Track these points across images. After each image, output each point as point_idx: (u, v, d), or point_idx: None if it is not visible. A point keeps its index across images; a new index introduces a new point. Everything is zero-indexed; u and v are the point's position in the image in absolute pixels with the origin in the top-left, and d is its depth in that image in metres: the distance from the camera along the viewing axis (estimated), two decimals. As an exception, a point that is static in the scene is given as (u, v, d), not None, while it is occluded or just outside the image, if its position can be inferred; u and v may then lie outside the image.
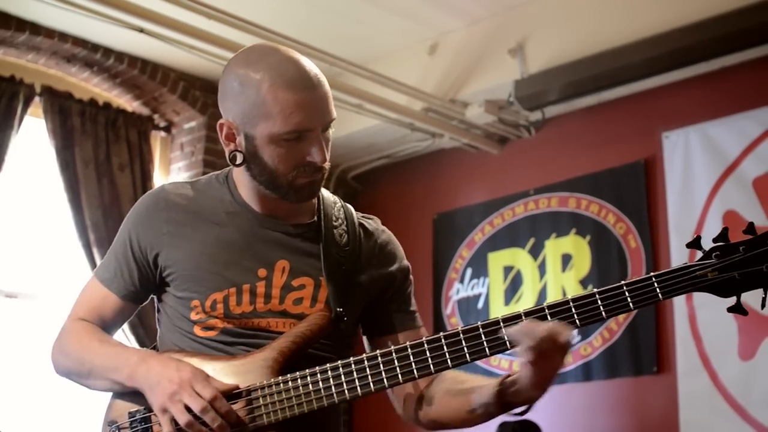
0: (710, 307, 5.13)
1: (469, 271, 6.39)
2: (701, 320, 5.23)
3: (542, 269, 6.00)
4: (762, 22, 4.89)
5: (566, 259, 5.90)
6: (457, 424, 2.17)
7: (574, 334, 1.92)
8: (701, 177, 5.36)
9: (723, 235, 1.93)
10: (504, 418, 2.09)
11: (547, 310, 1.95)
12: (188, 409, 1.98)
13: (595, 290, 1.94)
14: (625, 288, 1.93)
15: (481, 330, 1.98)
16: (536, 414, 5.47)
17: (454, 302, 6.42)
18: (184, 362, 2.05)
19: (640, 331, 5.51)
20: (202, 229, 2.18)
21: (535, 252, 6.06)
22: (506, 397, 2.01)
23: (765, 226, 4.70)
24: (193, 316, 2.14)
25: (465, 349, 1.99)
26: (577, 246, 5.87)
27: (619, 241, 5.69)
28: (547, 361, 1.91)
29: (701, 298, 5.17)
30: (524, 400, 2.00)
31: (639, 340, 5.50)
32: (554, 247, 5.98)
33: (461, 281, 6.41)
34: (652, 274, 1.92)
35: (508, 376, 2.02)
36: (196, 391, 1.98)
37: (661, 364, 5.41)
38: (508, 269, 6.19)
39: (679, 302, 5.31)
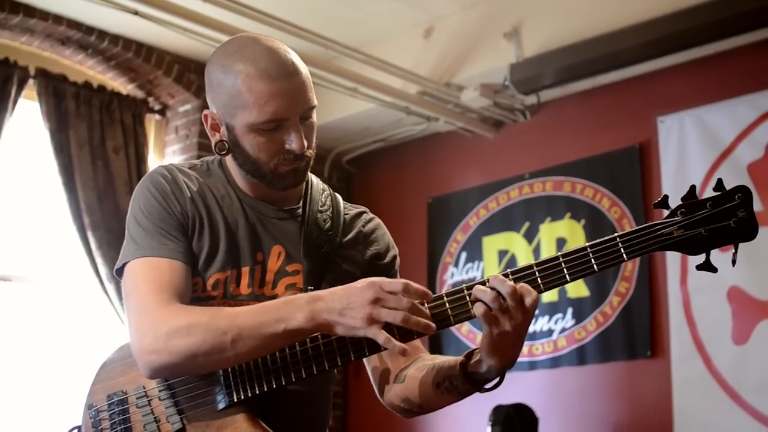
0: (705, 291, 5.15)
1: (463, 255, 6.39)
2: (695, 305, 5.24)
3: (537, 253, 6.00)
4: (757, 7, 4.89)
5: (561, 243, 5.91)
6: (425, 401, 2.14)
7: (565, 315, 1.91)
8: (696, 162, 5.36)
9: (691, 193, 1.91)
10: (494, 401, 2.07)
11: (510, 276, 1.93)
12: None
13: (560, 253, 1.93)
14: (589, 250, 1.91)
15: (445, 298, 1.96)
16: (530, 397, 5.51)
17: (449, 286, 6.42)
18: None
19: (634, 315, 5.52)
20: (205, 212, 2.19)
21: (530, 236, 6.06)
22: (469, 368, 2.01)
23: (760, 212, 4.71)
24: (192, 295, 2.15)
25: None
26: (571, 230, 5.88)
27: (613, 225, 5.69)
28: (509, 322, 1.88)
29: (696, 283, 5.18)
30: (486, 370, 1.98)
31: (633, 324, 5.52)
32: (549, 231, 5.99)
33: (456, 265, 6.42)
34: (616, 234, 1.91)
35: (475, 349, 2.02)
36: (389, 291, 1.90)
37: (655, 348, 5.42)
38: (502, 253, 6.20)
39: (673, 286, 5.33)
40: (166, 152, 6.52)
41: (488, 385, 2.03)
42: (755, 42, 5.19)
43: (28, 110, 5.81)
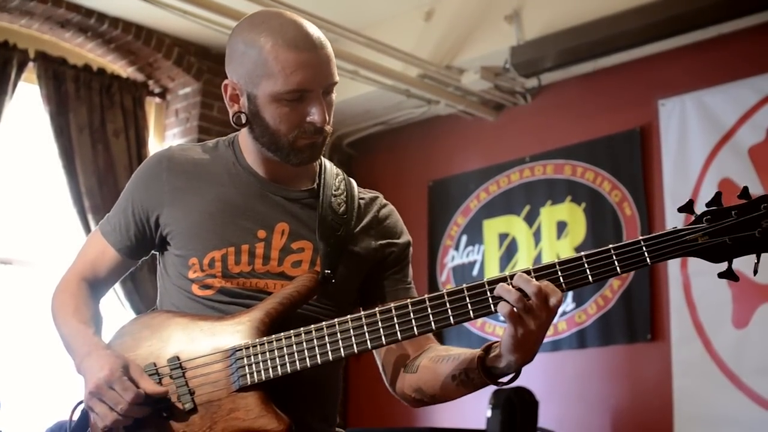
0: (705, 275, 5.14)
1: (464, 239, 6.39)
2: (696, 288, 5.24)
3: (537, 236, 6.00)
4: (759, -11, 4.88)
5: (561, 227, 5.91)
6: (438, 392, 2.13)
7: (566, 299, 1.89)
8: (697, 145, 5.36)
9: (716, 200, 1.89)
10: (492, 387, 2.05)
11: (533, 273, 1.92)
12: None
13: (583, 254, 1.91)
14: (613, 252, 1.89)
15: (466, 292, 1.96)
16: (530, 381, 5.51)
17: (449, 269, 6.43)
18: (113, 360, 2.07)
19: (634, 298, 5.53)
20: (204, 189, 2.21)
21: (531, 219, 6.06)
22: (488, 362, 2.00)
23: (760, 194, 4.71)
24: (191, 275, 2.17)
25: (449, 311, 1.96)
26: (572, 213, 5.88)
27: (614, 208, 5.69)
28: (533, 320, 1.87)
29: (696, 266, 5.18)
30: (506, 366, 1.97)
31: (633, 307, 5.52)
32: (549, 214, 5.98)
33: (456, 248, 6.42)
34: (640, 237, 1.89)
35: (494, 342, 2.01)
36: (116, 391, 2.03)
37: (655, 331, 5.43)
38: (503, 236, 6.20)
39: (673, 270, 5.33)
40: (166, 135, 6.51)
41: (504, 379, 2.02)
42: (757, 25, 5.17)
43: (28, 93, 5.80)
